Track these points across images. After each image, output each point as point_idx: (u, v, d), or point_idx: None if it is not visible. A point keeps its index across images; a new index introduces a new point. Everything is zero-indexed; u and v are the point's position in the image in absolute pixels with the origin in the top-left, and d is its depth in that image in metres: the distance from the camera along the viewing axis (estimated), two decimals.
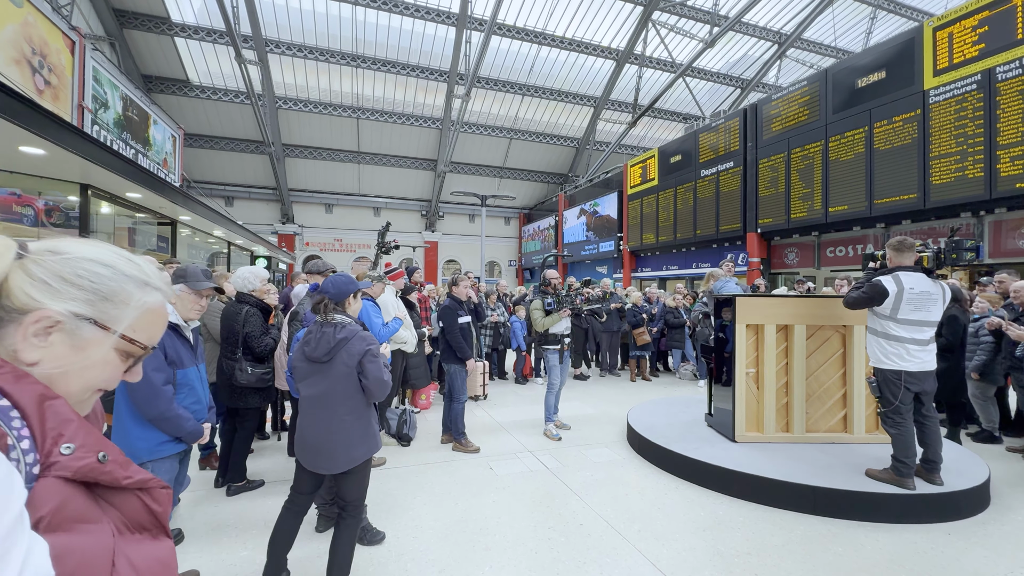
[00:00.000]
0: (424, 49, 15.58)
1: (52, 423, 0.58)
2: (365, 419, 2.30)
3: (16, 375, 0.58)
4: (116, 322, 0.66)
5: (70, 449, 0.58)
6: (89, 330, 0.64)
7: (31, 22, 7.05)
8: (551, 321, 4.79)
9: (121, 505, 0.64)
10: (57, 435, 0.58)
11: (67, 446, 0.58)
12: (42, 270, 0.62)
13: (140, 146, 10.61)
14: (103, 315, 0.65)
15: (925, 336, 3.15)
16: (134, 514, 0.65)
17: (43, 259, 0.63)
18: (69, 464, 0.57)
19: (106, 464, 0.61)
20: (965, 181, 6.94)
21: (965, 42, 7.00)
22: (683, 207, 12.66)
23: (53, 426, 0.58)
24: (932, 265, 3.23)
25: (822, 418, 4.11)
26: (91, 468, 0.59)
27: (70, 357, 0.63)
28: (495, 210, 22.80)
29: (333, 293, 2.34)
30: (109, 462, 0.62)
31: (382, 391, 2.26)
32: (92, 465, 0.59)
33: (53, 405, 0.59)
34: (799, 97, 9.48)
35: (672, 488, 3.58)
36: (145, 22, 13.01)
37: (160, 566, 0.65)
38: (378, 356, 2.25)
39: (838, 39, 17.28)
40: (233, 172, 18.40)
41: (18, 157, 4.92)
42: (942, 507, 3.09)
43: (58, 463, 0.57)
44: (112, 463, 0.62)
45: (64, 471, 0.57)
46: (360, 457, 2.26)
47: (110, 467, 0.62)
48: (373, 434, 2.33)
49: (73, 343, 0.63)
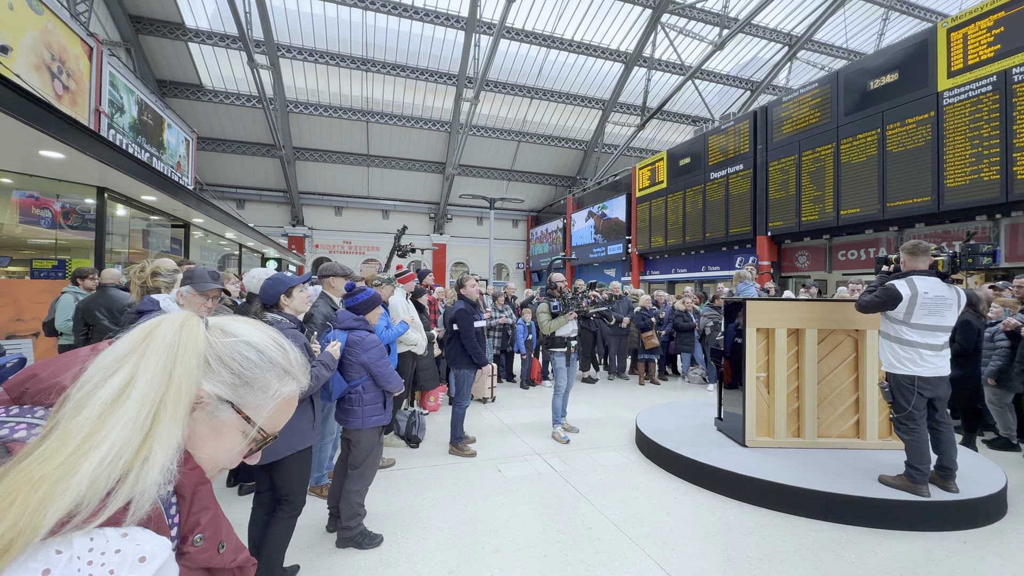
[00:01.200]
0: (433, 53, 15.68)
1: (196, 509, 0.62)
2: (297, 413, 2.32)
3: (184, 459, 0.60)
4: (253, 409, 0.66)
5: (201, 540, 0.62)
6: (226, 412, 0.65)
7: (51, 29, 7.21)
8: (557, 324, 4.81)
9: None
10: (195, 523, 0.61)
11: (199, 536, 0.62)
12: (210, 350, 0.63)
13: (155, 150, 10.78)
14: (241, 400, 0.65)
15: (939, 341, 3.10)
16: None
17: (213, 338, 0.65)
18: (196, 556, 0.61)
19: (222, 554, 0.65)
20: (980, 184, 6.84)
21: (980, 43, 6.91)
22: (692, 210, 12.59)
23: (195, 512, 0.62)
24: (947, 269, 3.18)
25: (834, 423, 4.07)
26: (210, 559, 0.64)
27: (205, 437, 0.64)
28: (503, 213, 22.82)
29: (262, 296, 2.45)
30: (225, 551, 0.66)
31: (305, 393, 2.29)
32: (212, 556, 0.64)
33: (202, 491, 0.63)
34: (810, 99, 9.40)
35: (681, 492, 3.57)
36: (160, 28, 13.23)
37: None
38: None
39: (849, 41, 17.12)
40: (244, 175, 18.63)
41: (38, 160, 5.03)
42: (957, 515, 3.04)
43: (188, 554, 0.61)
44: (227, 551, 0.66)
45: (191, 563, 0.61)
46: (281, 450, 2.24)
47: (224, 555, 0.66)
48: (299, 431, 2.32)
49: (211, 424, 0.64)
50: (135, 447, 0.52)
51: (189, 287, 2.36)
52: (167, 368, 0.57)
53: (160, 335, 0.59)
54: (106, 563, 0.47)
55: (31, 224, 6.09)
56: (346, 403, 2.84)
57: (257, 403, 0.67)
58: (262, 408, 0.67)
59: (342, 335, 2.85)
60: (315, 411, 2.44)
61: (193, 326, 0.62)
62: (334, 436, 3.74)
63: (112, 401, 0.54)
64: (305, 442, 2.36)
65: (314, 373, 2.36)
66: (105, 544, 0.48)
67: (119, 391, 0.54)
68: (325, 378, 2.43)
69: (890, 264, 3.44)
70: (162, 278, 2.58)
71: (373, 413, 2.83)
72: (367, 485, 2.86)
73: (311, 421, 2.40)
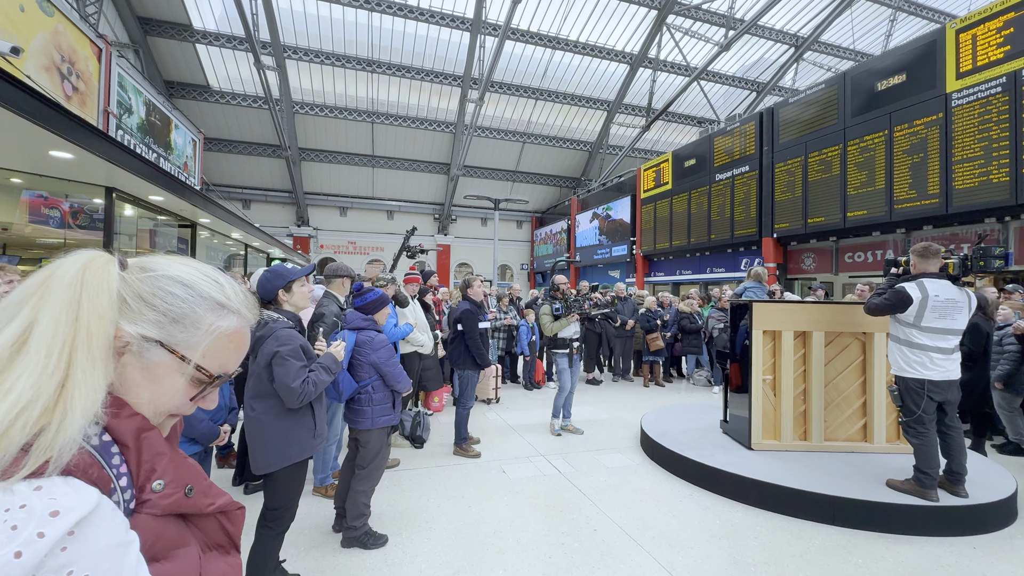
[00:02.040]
0: (439, 54, 15.72)
1: (147, 456, 0.59)
2: (287, 422, 2.17)
3: (118, 406, 0.58)
4: (186, 347, 0.62)
5: (161, 486, 0.59)
6: (157, 353, 0.61)
7: (60, 30, 7.28)
8: (559, 326, 4.86)
9: (203, 526, 0.67)
10: (150, 470, 0.58)
11: (158, 482, 0.59)
12: (128, 289, 0.60)
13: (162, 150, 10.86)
14: (171, 338, 0.61)
15: (949, 345, 3.08)
16: (212, 534, 0.68)
17: (131, 277, 0.61)
18: (159, 503, 0.59)
19: (192, 497, 0.63)
20: (990, 186, 6.78)
21: (989, 44, 6.85)
22: (697, 211, 12.55)
23: (147, 460, 0.58)
24: (958, 272, 3.16)
25: (841, 427, 4.04)
26: (178, 503, 0.61)
27: (139, 381, 0.61)
28: (507, 214, 22.83)
29: (259, 291, 2.30)
30: (195, 494, 0.63)
31: (288, 397, 2.12)
32: (179, 500, 0.61)
33: (148, 438, 0.59)
34: (817, 100, 9.36)
35: (687, 495, 3.55)
36: (168, 29, 13.33)
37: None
38: (288, 360, 2.11)
39: (857, 42, 17.02)
40: (250, 175, 18.73)
41: (47, 160, 5.07)
42: (967, 520, 3.01)
43: (150, 501, 0.58)
44: (198, 494, 0.64)
45: (154, 509, 0.58)
46: (277, 462, 2.13)
47: (195, 498, 0.63)
48: (296, 440, 2.18)
49: (142, 366, 0.60)
50: (51, 395, 0.49)
51: None
52: (71, 310, 0.53)
53: (60, 276, 0.55)
54: (8, 520, 0.44)
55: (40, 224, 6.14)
56: (355, 403, 2.84)
57: (190, 340, 0.62)
58: (197, 345, 0.63)
59: (351, 335, 2.85)
60: (316, 419, 2.27)
61: (99, 265, 0.57)
62: (338, 437, 3.75)
63: (10, 349, 0.50)
64: (303, 452, 2.21)
65: (311, 378, 2.18)
66: (11, 500, 0.45)
67: (16, 337, 0.51)
68: (325, 383, 2.23)
69: (899, 266, 3.41)
70: None
71: (382, 413, 2.84)
72: (374, 485, 2.86)
73: (311, 430, 2.25)
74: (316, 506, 3.31)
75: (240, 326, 0.68)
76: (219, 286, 0.67)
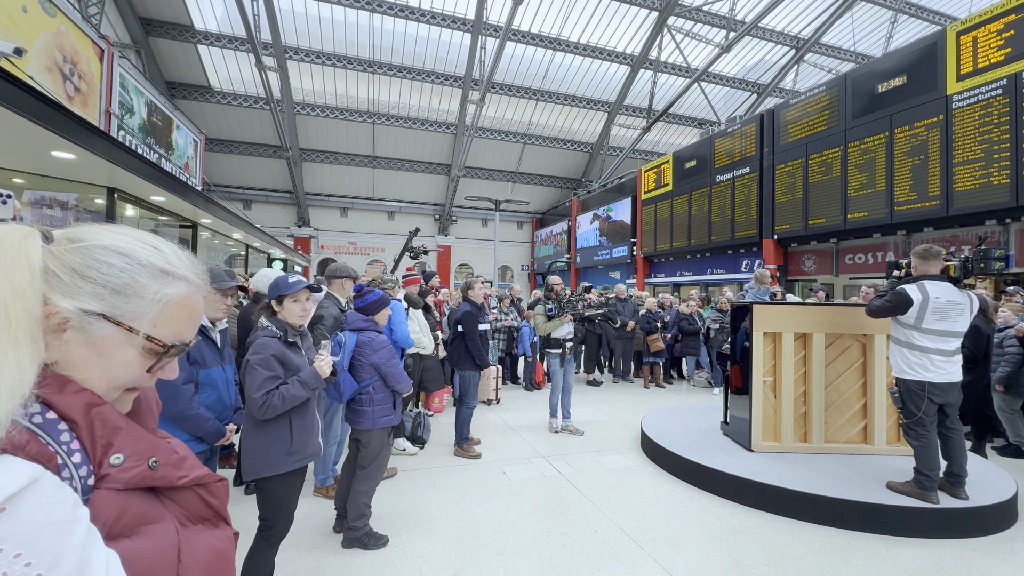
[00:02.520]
0: (439, 55, 15.74)
1: (101, 431, 0.57)
2: (260, 433, 2.11)
3: (60, 383, 0.56)
4: (133, 318, 0.60)
5: (120, 459, 0.57)
6: (102, 327, 0.58)
7: (63, 31, 7.29)
8: (552, 326, 4.97)
9: (181, 500, 0.65)
10: (106, 444, 0.57)
11: (116, 456, 0.57)
12: (57, 262, 0.57)
13: (163, 151, 10.88)
14: (115, 310, 0.59)
15: (951, 347, 3.08)
16: (193, 508, 0.66)
17: (60, 249, 0.58)
18: (119, 476, 0.57)
19: (158, 469, 0.61)
20: (990, 188, 6.78)
21: (990, 47, 6.86)
22: (698, 213, 12.55)
23: (102, 435, 0.57)
24: (959, 274, 3.16)
25: (841, 428, 4.04)
26: (142, 477, 0.59)
27: (87, 357, 0.58)
28: (508, 214, 22.84)
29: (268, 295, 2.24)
30: (161, 466, 0.61)
31: (250, 407, 2.05)
32: (143, 474, 0.59)
33: (101, 412, 0.57)
34: (817, 102, 9.37)
35: (687, 496, 3.55)
36: (170, 30, 13.36)
37: (217, 557, 0.65)
38: (256, 369, 2.04)
39: (857, 44, 17.04)
40: (251, 176, 18.75)
41: (49, 161, 5.09)
42: (967, 522, 3.01)
43: (109, 475, 0.56)
44: (164, 467, 0.62)
45: (115, 483, 0.56)
46: (254, 471, 2.07)
47: (162, 471, 0.61)
48: (265, 454, 2.08)
49: (88, 341, 0.58)
50: None
51: None
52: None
53: None
54: None
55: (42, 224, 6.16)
56: (356, 404, 2.85)
57: (136, 311, 0.60)
58: (144, 315, 0.60)
59: (352, 336, 2.86)
60: (293, 434, 2.13)
61: (15, 240, 0.54)
62: (339, 438, 3.75)
63: None
64: (272, 467, 2.08)
65: (281, 391, 2.05)
66: None
67: None
68: (298, 398, 2.08)
69: (901, 269, 3.42)
70: None
71: (383, 414, 2.85)
72: (375, 486, 2.86)
73: (286, 444, 2.11)
74: (317, 507, 3.31)
75: (189, 292, 0.65)
76: (159, 252, 0.64)
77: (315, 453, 2.25)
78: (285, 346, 2.16)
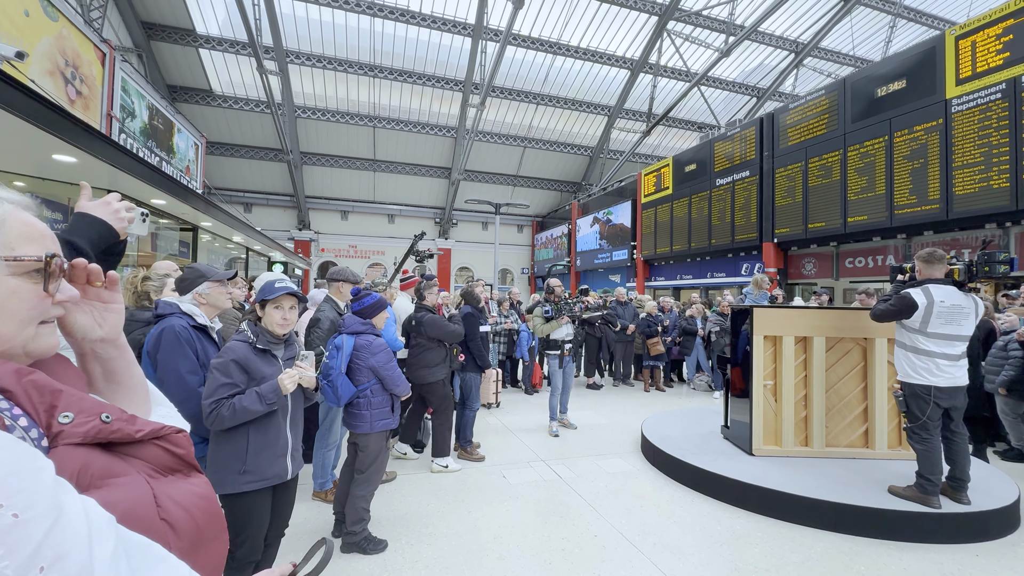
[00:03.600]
0: (440, 59, 15.79)
1: (38, 396, 0.56)
2: (216, 444, 1.96)
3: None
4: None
5: (69, 417, 0.56)
6: None
7: (65, 35, 7.32)
8: (549, 328, 5.07)
9: (144, 455, 0.64)
10: (50, 406, 0.56)
11: (65, 415, 0.56)
12: None
13: (164, 154, 10.90)
14: None
15: (956, 351, 3.07)
16: (160, 460, 0.65)
17: None
18: (74, 431, 0.56)
19: (112, 423, 0.60)
20: (990, 192, 6.79)
21: (989, 51, 6.88)
22: (698, 216, 12.56)
23: (41, 399, 0.56)
24: (963, 278, 3.14)
25: (842, 432, 4.02)
26: (98, 430, 0.58)
27: None
28: (508, 218, 22.87)
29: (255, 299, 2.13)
30: (115, 420, 0.61)
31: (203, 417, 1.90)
32: (98, 427, 0.58)
33: (33, 380, 0.57)
34: (817, 106, 9.39)
35: (687, 501, 3.53)
36: (171, 34, 13.41)
37: (199, 499, 0.65)
38: (213, 373, 1.91)
39: (856, 48, 17.09)
40: (252, 179, 18.79)
41: (51, 164, 5.09)
42: (969, 527, 2.99)
43: (63, 431, 0.55)
44: (117, 421, 0.61)
45: (72, 438, 0.56)
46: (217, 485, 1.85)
47: (117, 425, 0.60)
48: (219, 468, 1.92)
49: None
50: None
51: (206, 283, 2.29)
52: None
53: None
54: None
55: None
56: (354, 407, 2.84)
57: None
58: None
59: (349, 339, 2.85)
60: (249, 451, 1.94)
61: None
62: (337, 442, 3.74)
63: None
64: (224, 486, 1.90)
65: (234, 403, 1.87)
66: None
67: None
68: (251, 413, 1.89)
69: (905, 273, 3.41)
70: (151, 282, 2.54)
71: (381, 417, 2.84)
72: (373, 490, 2.85)
73: (240, 462, 1.93)
74: (315, 511, 3.30)
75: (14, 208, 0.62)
76: None
77: (277, 476, 2.01)
78: (255, 353, 1.99)
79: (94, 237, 1.16)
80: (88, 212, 1.19)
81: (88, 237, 1.15)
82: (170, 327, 2.06)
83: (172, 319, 2.10)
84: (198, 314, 2.18)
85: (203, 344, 2.16)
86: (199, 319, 2.17)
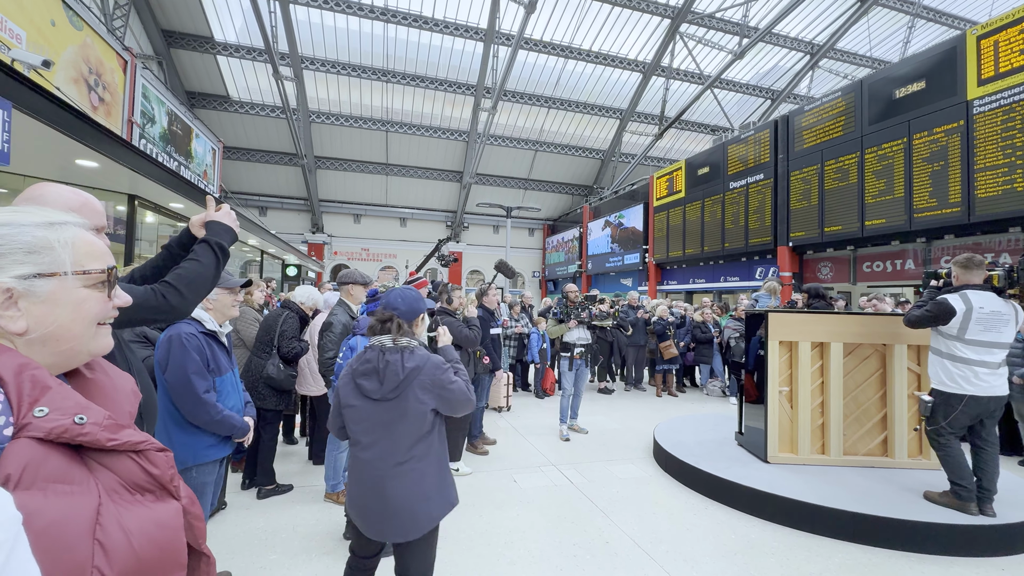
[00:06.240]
0: (452, 64, 15.91)
1: (29, 390, 0.60)
2: (443, 464, 1.90)
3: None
4: (58, 265, 0.68)
5: (43, 412, 0.59)
6: (43, 283, 0.66)
7: (89, 44, 7.53)
8: (559, 330, 5.24)
9: (114, 467, 0.64)
10: (33, 400, 0.59)
11: (41, 409, 0.59)
12: None
13: (183, 159, 11.12)
14: (42, 266, 0.66)
15: (996, 359, 2.98)
16: (130, 476, 0.64)
17: None
18: (41, 425, 0.57)
19: (84, 426, 0.61)
20: (1014, 195, 6.62)
21: (1012, 51, 6.72)
22: (711, 219, 12.44)
23: (30, 392, 0.60)
24: (1003, 284, 3.05)
25: (860, 440, 3.94)
26: (65, 429, 0.59)
27: (50, 311, 0.67)
28: (519, 221, 22.89)
29: (404, 311, 1.90)
30: (89, 424, 0.61)
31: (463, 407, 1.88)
32: (67, 427, 0.59)
33: (33, 375, 0.61)
34: (833, 108, 9.26)
35: (701, 508, 3.48)
36: (190, 42, 13.72)
37: (156, 528, 0.63)
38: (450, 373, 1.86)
39: (873, 49, 16.83)
40: (267, 183, 19.09)
41: (73, 169, 5.23)
42: (994, 540, 2.90)
43: (30, 424, 0.57)
44: (92, 425, 0.61)
45: (36, 432, 0.57)
46: (438, 514, 1.84)
47: (89, 429, 0.61)
48: (451, 483, 1.91)
49: (42, 300, 0.66)
50: None
51: (216, 289, 2.33)
52: None
53: None
54: None
55: None
56: None
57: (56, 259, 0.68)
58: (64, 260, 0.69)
59: (363, 341, 2.86)
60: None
61: None
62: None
63: None
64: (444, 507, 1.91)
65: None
66: None
67: None
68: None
69: (940, 279, 3.33)
70: None
71: None
72: None
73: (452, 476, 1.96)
74: (327, 513, 3.32)
75: (80, 230, 0.73)
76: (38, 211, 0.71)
77: None
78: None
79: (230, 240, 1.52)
80: (218, 221, 1.51)
81: (229, 240, 1.50)
82: (177, 334, 2.10)
83: (180, 325, 2.13)
84: (207, 319, 2.21)
85: (212, 349, 2.19)
86: (208, 324, 2.20)
